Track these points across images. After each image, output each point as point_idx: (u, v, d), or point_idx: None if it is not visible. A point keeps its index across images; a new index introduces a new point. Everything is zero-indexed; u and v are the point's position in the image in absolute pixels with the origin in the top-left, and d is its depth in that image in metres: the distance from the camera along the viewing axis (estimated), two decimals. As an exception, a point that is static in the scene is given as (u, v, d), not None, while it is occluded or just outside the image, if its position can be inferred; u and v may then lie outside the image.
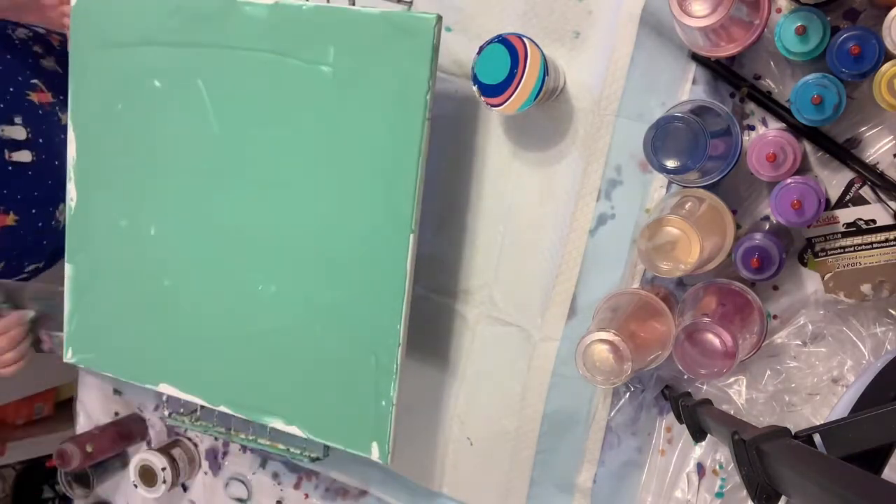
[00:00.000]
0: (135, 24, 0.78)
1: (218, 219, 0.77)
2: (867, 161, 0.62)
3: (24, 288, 0.92)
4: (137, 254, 0.81)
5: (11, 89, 0.92)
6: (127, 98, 0.79)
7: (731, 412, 0.69)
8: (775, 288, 0.68)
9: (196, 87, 0.75)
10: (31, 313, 0.90)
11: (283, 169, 0.73)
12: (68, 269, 0.86)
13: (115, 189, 0.82)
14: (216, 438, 0.98)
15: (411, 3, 0.71)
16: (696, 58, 0.66)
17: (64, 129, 0.84)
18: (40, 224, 0.95)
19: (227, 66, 0.74)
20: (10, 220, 0.91)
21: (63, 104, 0.95)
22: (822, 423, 0.47)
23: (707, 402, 0.60)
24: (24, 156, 0.91)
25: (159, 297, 0.81)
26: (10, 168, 0.90)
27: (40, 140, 0.93)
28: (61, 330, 0.88)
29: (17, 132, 0.90)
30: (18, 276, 0.99)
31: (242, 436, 0.85)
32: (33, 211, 0.94)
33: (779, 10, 0.62)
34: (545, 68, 0.66)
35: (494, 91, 0.68)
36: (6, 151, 0.89)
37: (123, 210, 0.82)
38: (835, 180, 0.64)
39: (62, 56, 0.98)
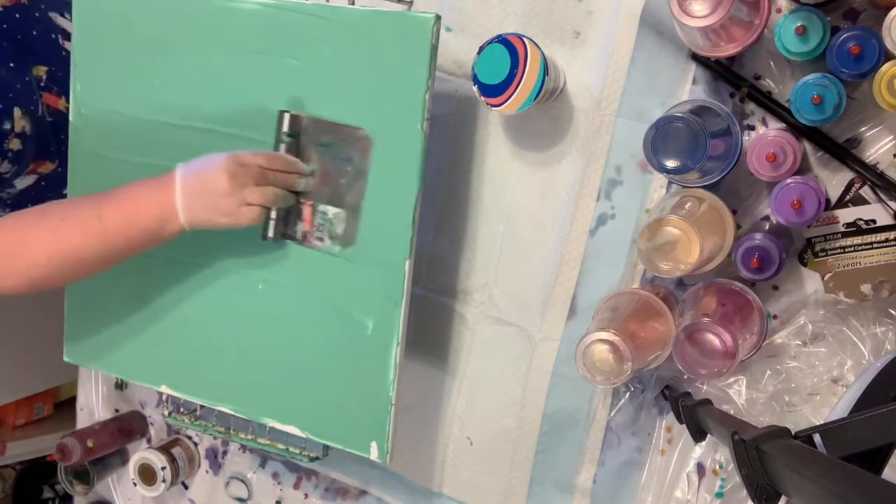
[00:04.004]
0: (134, 26, 0.78)
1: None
2: (867, 161, 0.62)
3: (320, 127, 0.72)
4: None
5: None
6: (125, 100, 0.79)
7: (731, 412, 0.69)
8: (775, 288, 0.68)
9: (196, 87, 0.75)
10: (308, 168, 0.71)
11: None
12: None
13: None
14: (216, 438, 0.98)
15: (411, 2, 0.71)
16: (696, 58, 0.66)
17: None
18: None
19: (227, 66, 0.74)
20: (62, 105, 0.92)
21: None
22: (822, 423, 0.47)
23: (707, 402, 0.60)
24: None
25: (159, 297, 0.81)
26: (63, 54, 0.92)
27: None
28: (338, 203, 0.71)
29: (72, 26, 0.90)
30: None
31: (242, 435, 0.85)
32: None
33: (779, 10, 0.62)
34: (545, 68, 0.66)
35: (494, 91, 0.68)
36: (59, 37, 0.91)
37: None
38: (835, 180, 0.64)
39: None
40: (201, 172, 0.65)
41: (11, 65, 0.89)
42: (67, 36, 0.92)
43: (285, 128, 0.71)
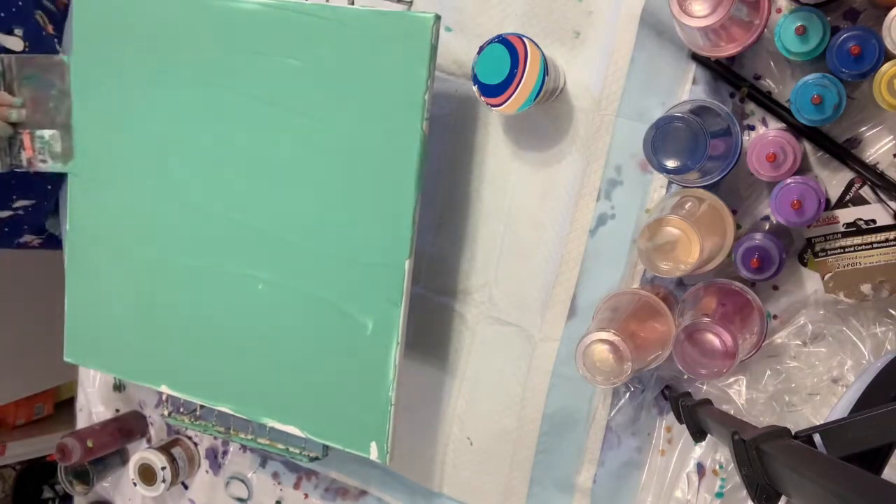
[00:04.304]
0: (134, 28, 0.78)
1: (218, 217, 0.77)
2: (867, 161, 0.62)
3: (22, 63, 0.82)
4: (137, 252, 0.81)
5: (21, 2, 0.91)
6: (125, 101, 0.79)
7: (731, 412, 0.69)
8: (775, 288, 0.68)
9: (196, 88, 0.75)
10: (17, 100, 0.80)
11: (281, 169, 0.73)
12: (69, 262, 0.86)
13: (113, 189, 0.82)
14: (216, 438, 0.98)
15: (411, 2, 0.71)
16: (696, 58, 0.66)
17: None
18: None
19: (227, 66, 0.74)
20: None
21: (60, 41, 0.95)
22: (822, 423, 0.47)
23: (707, 402, 0.60)
24: None
25: (159, 297, 0.81)
26: None
27: None
28: (50, 126, 0.81)
29: (14, 43, 0.89)
30: (4, 209, 0.97)
31: (242, 435, 0.85)
32: None
33: (779, 10, 0.62)
34: (545, 68, 0.66)
35: (494, 91, 0.68)
36: None
37: (122, 210, 0.82)
38: (835, 180, 0.64)
39: (59, 6, 0.98)
40: None
41: None
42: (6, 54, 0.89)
43: None
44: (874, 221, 0.62)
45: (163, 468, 0.95)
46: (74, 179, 0.84)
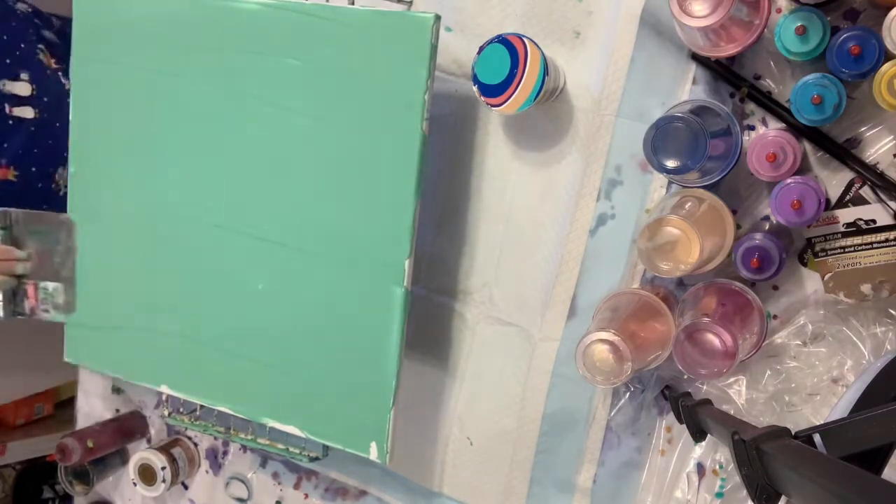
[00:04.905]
0: (133, 28, 0.78)
1: (217, 217, 0.77)
2: (867, 161, 0.62)
3: (30, 218, 0.86)
4: (137, 252, 0.81)
5: (22, 45, 0.93)
6: (125, 100, 0.79)
7: (731, 412, 0.69)
8: (775, 288, 0.68)
9: (196, 88, 0.75)
10: (23, 254, 0.84)
11: (281, 169, 0.73)
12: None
13: (112, 187, 0.82)
14: (216, 438, 0.98)
15: (411, 2, 0.71)
16: (696, 58, 0.66)
17: (67, 93, 0.84)
18: (40, 185, 0.95)
19: (226, 66, 0.74)
20: (11, 174, 0.91)
21: (65, 72, 0.96)
22: (822, 423, 0.47)
23: (707, 402, 0.60)
24: (27, 112, 0.91)
25: (159, 297, 0.81)
26: (10, 122, 0.90)
27: (45, 99, 0.94)
28: (54, 278, 0.84)
29: (22, 88, 0.90)
30: None
31: (242, 435, 0.85)
32: (33, 169, 0.94)
33: (779, 10, 0.62)
34: (545, 68, 0.66)
35: (494, 91, 0.68)
36: (7, 106, 0.89)
37: (121, 207, 0.82)
38: (835, 180, 0.64)
39: (60, 31, 0.99)
40: None
41: None
42: (16, 101, 0.91)
43: None
44: (874, 221, 0.62)
45: (163, 468, 0.95)
46: (76, 178, 0.84)
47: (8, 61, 0.90)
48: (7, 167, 0.91)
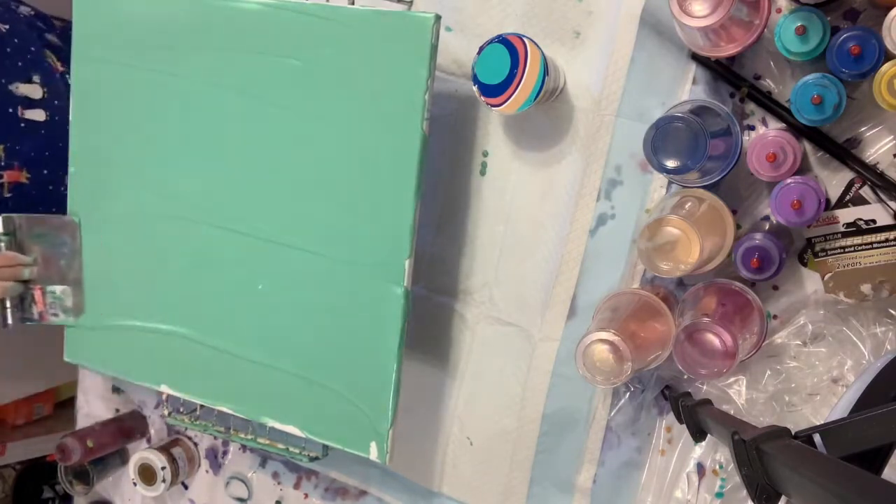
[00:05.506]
0: (133, 29, 0.78)
1: (217, 217, 0.77)
2: (867, 161, 0.62)
3: (32, 222, 0.84)
4: (136, 252, 0.81)
5: (32, 48, 0.93)
6: (125, 101, 0.79)
7: (731, 412, 0.69)
8: (775, 288, 0.68)
9: (196, 88, 0.75)
10: (28, 259, 0.83)
11: (281, 169, 0.73)
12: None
13: (111, 191, 0.82)
14: (216, 438, 0.98)
15: (411, 2, 0.71)
16: (696, 58, 0.66)
17: None
18: (51, 187, 0.95)
19: (227, 66, 0.74)
20: (23, 177, 0.91)
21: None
22: (822, 423, 0.47)
23: (707, 402, 0.60)
24: (38, 114, 0.92)
25: (159, 297, 0.81)
26: (23, 125, 0.90)
27: (55, 102, 0.94)
28: (62, 281, 0.83)
29: (34, 91, 0.91)
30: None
31: (242, 435, 0.85)
32: (45, 171, 0.94)
33: (779, 10, 0.62)
34: (545, 68, 0.66)
35: (494, 91, 0.68)
36: (20, 108, 0.89)
37: (121, 209, 0.82)
38: (835, 180, 0.64)
39: (63, 34, 0.99)
40: None
41: None
42: (28, 104, 0.91)
43: (0, 229, 0.81)
44: (874, 221, 0.62)
45: (163, 468, 0.95)
46: (76, 178, 0.84)
47: (20, 63, 0.90)
48: (20, 169, 0.91)
